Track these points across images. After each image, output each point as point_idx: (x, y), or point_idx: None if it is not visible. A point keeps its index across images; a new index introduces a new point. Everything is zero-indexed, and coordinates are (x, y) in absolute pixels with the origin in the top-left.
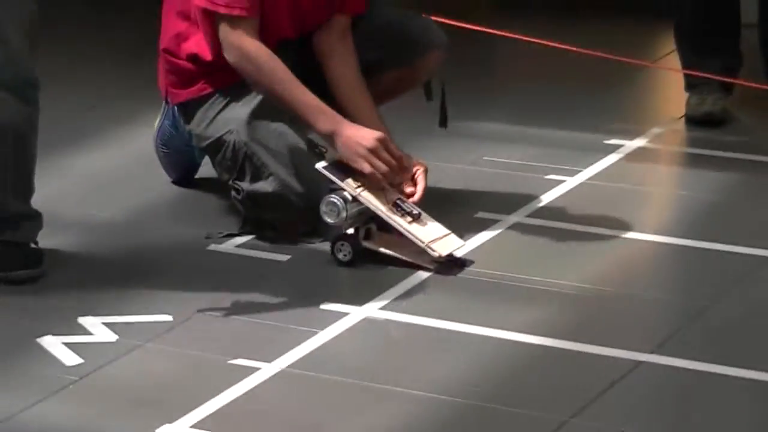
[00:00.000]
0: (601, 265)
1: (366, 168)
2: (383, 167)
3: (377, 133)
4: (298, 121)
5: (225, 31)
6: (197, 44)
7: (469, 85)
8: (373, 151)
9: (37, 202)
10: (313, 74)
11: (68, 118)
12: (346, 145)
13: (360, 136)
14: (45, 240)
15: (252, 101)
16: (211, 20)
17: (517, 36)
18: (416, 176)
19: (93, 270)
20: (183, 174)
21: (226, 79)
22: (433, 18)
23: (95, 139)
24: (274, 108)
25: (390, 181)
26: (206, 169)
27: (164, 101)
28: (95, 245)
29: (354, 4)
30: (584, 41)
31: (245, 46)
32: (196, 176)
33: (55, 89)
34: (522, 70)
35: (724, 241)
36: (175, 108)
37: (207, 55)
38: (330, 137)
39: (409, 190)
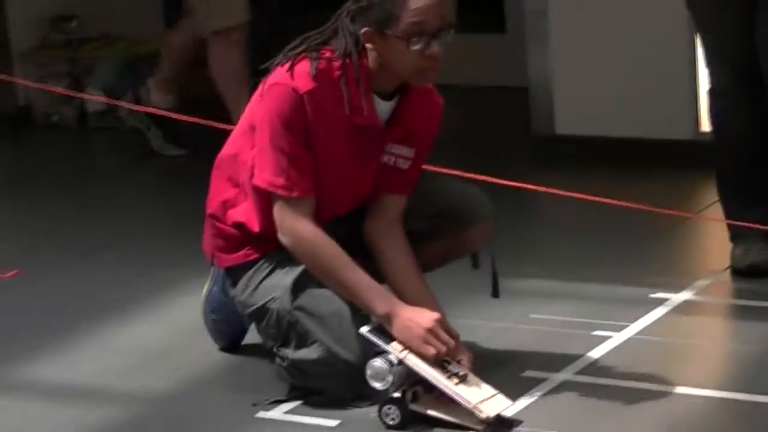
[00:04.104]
0: (652, 424)
1: (428, 351)
2: (442, 348)
3: (433, 315)
4: (353, 303)
5: (282, 213)
6: (245, 213)
7: (513, 242)
8: (431, 332)
9: (85, 374)
10: (360, 243)
11: (119, 286)
12: (404, 327)
13: (417, 320)
14: (93, 414)
15: (296, 268)
16: (266, 196)
17: (559, 192)
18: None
19: None
20: (231, 340)
21: (272, 246)
22: (475, 176)
23: (143, 307)
24: None
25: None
26: (254, 333)
27: (211, 266)
28: (143, 418)
29: (402, 183)
30: (625, 193)
31: (302, 231)
32: (245, 342)
33: (108, 258)
34: (564, 225)
35: None
36: (223, 272)
37: (255, 226)
38: (387, 318)
39: None
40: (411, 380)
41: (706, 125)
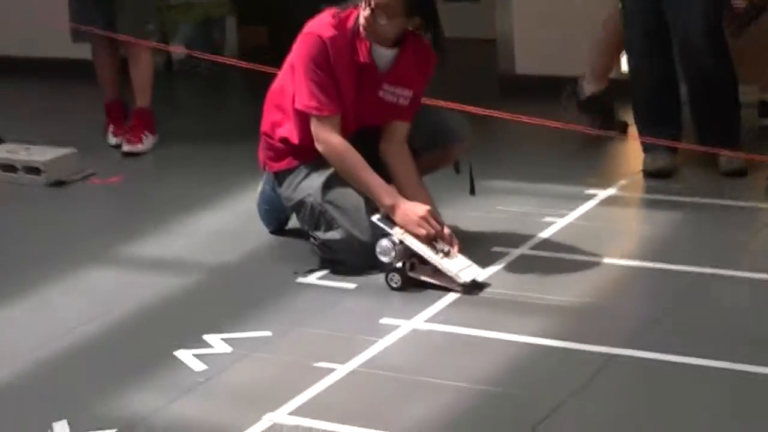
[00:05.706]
0: (586, 284)
1: (420, 232)
2: (431, 231)
3: (425, 207)
4: (367, 197)
5: (316, 128)
6: (288, 131)
7: (486, 155)
8: (423, 219)
9: (172, 250)
10: (376, 157)
11: (195, 187)
12: (403, 215)
13: (414, 209)
14: (178, 279)
15: (326, 172)
16: (304, 116)
17: (519, 117)
18: (452, 243)
19: (214, 299)
20: (278, 225)
21: (307, 156)
22: (459, 107)
23: (216, 200)
24: (341, 178)
25: (433, 239)
26: (295, 221)
27: (264, 171)
28: (214, 281)
29: (404, 114)
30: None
31: (331, 140)
32: (288, 227)
33: (184, 167)
34: (523, 142)
35: (675, 261)
36: (272, 174)
37: (295, 139)
38: (391, 209)
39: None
40: (409, 255)
41: (625, 67)
